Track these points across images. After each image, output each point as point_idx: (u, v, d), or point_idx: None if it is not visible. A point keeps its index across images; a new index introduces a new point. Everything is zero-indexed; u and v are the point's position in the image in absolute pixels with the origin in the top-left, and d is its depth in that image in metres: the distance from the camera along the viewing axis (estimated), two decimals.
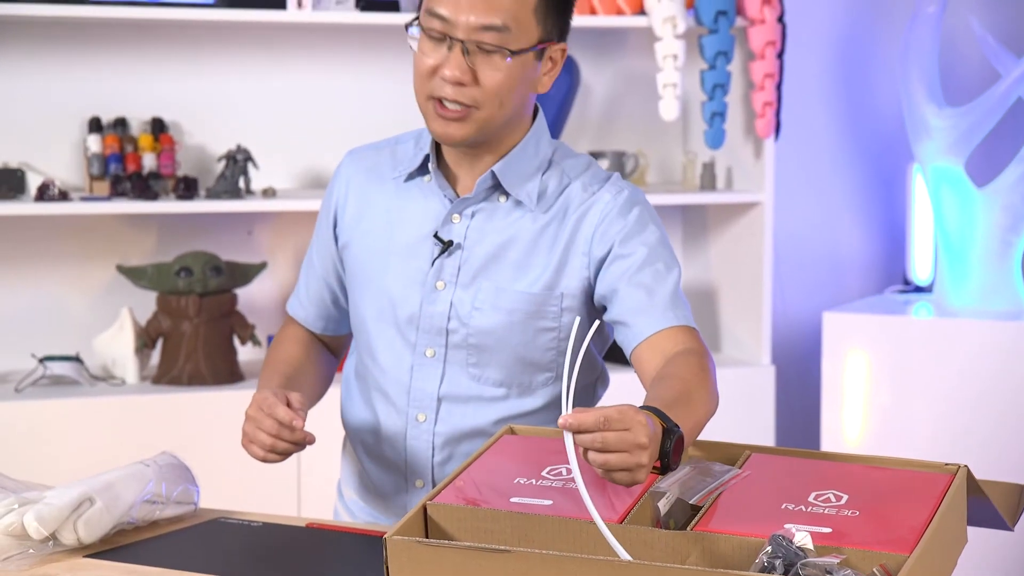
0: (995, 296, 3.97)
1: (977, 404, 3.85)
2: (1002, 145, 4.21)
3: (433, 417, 2.11)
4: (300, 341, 2.28)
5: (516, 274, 2.07)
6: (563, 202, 2.09)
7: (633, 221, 2.06)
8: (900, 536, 1.58)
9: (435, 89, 2.00)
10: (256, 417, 2.00)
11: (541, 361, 2.11)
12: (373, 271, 2.14)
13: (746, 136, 4.08)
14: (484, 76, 1.99)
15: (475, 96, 1.99)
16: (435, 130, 2.03)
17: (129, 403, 3.60)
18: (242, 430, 2.02)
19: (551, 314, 2.08)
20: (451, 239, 2.09)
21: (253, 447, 2.01)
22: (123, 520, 1.95)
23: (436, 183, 2.10)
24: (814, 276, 4.46)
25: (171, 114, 3.89)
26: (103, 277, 3.88)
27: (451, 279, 2.09)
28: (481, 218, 2.09)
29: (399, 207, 2.13)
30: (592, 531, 1.66)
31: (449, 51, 1.98)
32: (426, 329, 2.10)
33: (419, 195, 2.12)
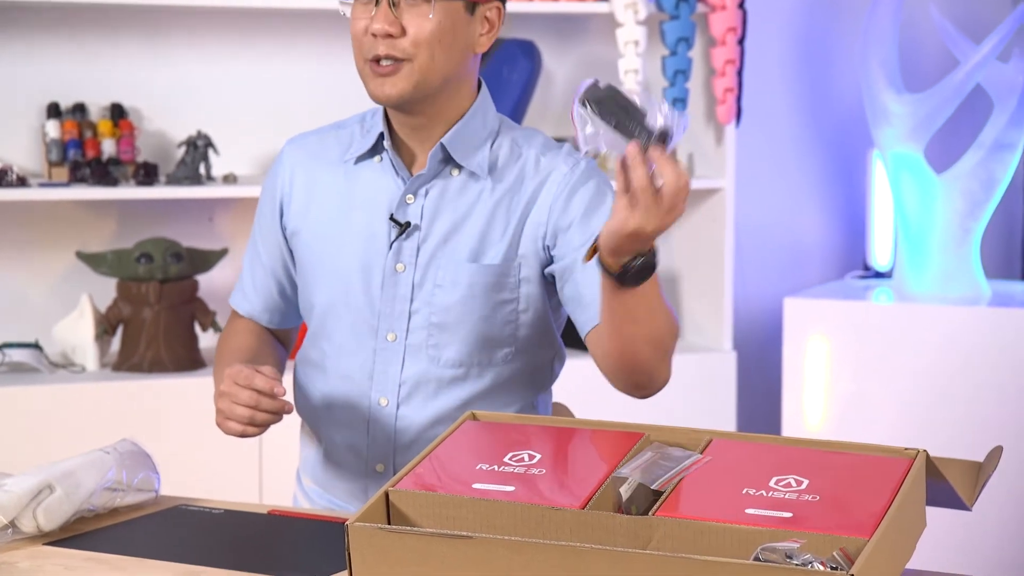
0: (954, 282, 3.99)
1: (936, 389, 3.88)
2: (961, 131, 4.23)
3: (395, 401, 2.11)
4: (251, 331, 2.27)
5: (475, 248, 2.07)
6: (518, 171, 2.09)
7: (591, 194, 2.07)
8: (860, 520, 1.59)
9: (368, 50, 2.02)
10: (231, 392, 1.98)
11: (500, 336, 2.11)
12: (328, 257, 2.12)
13: (707, 122, 4.09)
14: (411, 26, 2.00)
15: (405, 47, 2.01)
16: (373, 92, 2.04)
17: (89, 390, 3.58)
18: (216, 408, 2.00)
19: (510, 285, 2.08)
20: (408, 220, 2.08)
21: (230, 423, 1.99)
22: (83, 507, 1.94)
23: (391, 162, 2.09)
24: (775, 262, 4.48)
25: (130, 100, 3.87)
26: (62, 263, 3.86)
27: (410, 260, 2.08)
28: (435, 195, 2.08)
29: (350, 191, 2.12)
30: (554, 517, 1.67)
31: (376, 7, 2.00)
32: (387, 314, 2.09)
33: (371, 177, 2.11)
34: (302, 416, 2.24)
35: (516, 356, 2.13)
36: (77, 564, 1.81)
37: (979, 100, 4.10)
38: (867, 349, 3.96)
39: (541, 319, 2.13)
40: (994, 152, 3.95)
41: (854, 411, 3.96)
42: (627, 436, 1.84)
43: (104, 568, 1.79)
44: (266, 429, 2.00)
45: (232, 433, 2.00)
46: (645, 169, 1.68)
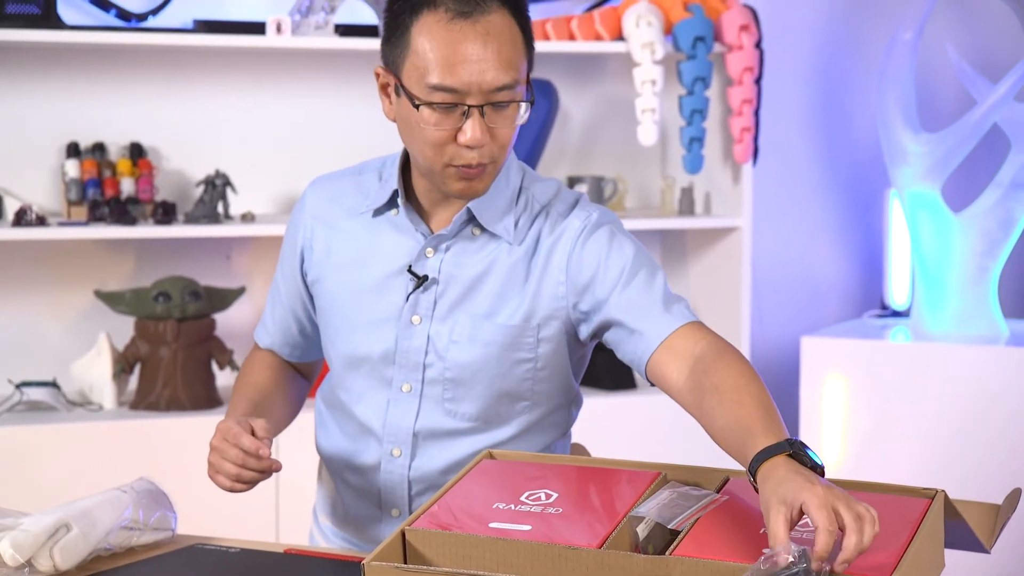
0: (972, 321, 3.98)
1: (955, 428, 3.86)
2: (978, 170, 4.23)
3: (409, 452, 2.10)
4: (269, 366, 2.28)
5: (493, 306, 2.06)
6: (535, 232, 2.07)
7: (605, 241, 2.05)
8: (878, 561, 1.58)
9: (454, 158, 1.96)
10: (220, 447, 1.99)
11: (517, 391, 2.10)
12: (346, 308, 2.12)
13: (724, 161, 4.10)
14: (499, 132, 1.96)
15: (493, 152, 1.97)
16: (457, 190, 2.00)
17: (106, 429, 3.59)
18: (207, 461, 2.01)
19: (527, 345, 2.07)
20: (426, 274, 2.07)
21: (219, 477, 2.00)
22: (100, 546, 1.94)
23: (407, 218, 2.09)
24: (792, 300, 4.47)
25: (149, 139, 3.89)
26: (81, 302, 3.87)
27: (427, 313, 2.07)
28: (456, 251, 2.07)
29: (369, 242, 2.11)
30: (571, 556, 1.66)
31: (465, 117, 1.93)
32: (402, 364, 2.09)
33: (389, 230, 2.10)
34: (321, 454, 2.24)
35: (533, 408, 2.12)
36: None
37: (996, 139, 4.10)
38: (885, 388, 3.95)
39: (559, 374, 2.12)
40: (1012, 191, 3.94)
41: (872, 450, 3.95)
42: (644, 475, 1.84)
43: None
44: (254, 486, 2.00)
45: (221, 487, 2.01)
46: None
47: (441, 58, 1.91)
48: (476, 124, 1.93)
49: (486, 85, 1.92)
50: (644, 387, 4.03)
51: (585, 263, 2.05)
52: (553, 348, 2.08)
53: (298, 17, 3.74)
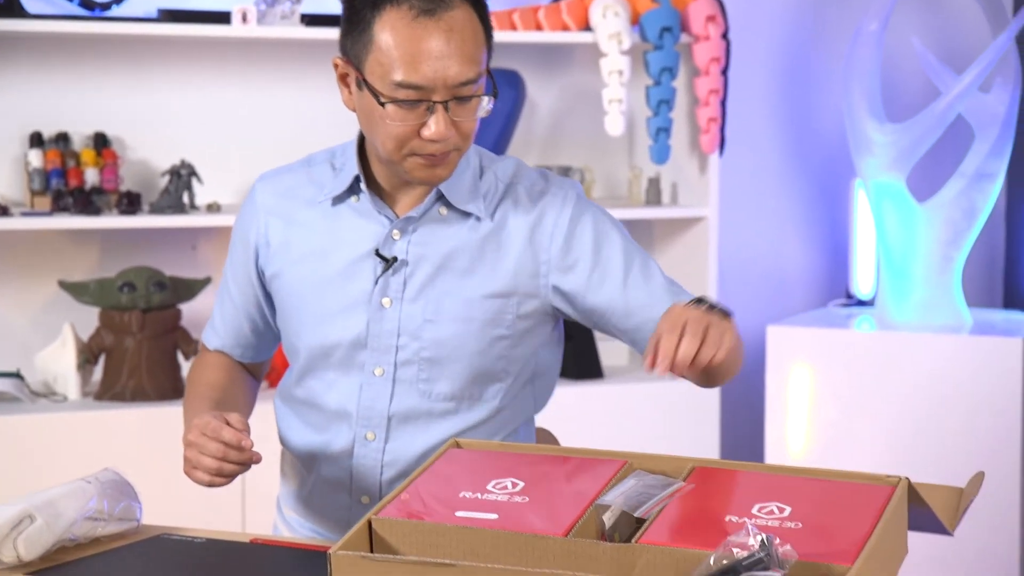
0: (936, 310, 4.01)
1: (919, 416, 3.88)
2: (942, 161, 4.26)
3: (383, 435, 2.10)
4: (222, 366, 2.26)
5: (467, 282, 2.07)
6: (504, 209, 2.09)
7: (591, 228, 2.08)
8: (842, 548, 1.59)
9: (417, 149, 1.97)
10: (198, 442, 1.97)
11: (493, 370, 2.11)
12: (311, 300, 2.11)
13: (691, 151, 4.11)
14: (462, 124, 1.98)
15: (456, 142, 1.99)
16: (420, 178, 2.01)
17: (71, 419, 3.57)
18: (184, 457, 2.00)
19: (506, 322, 2.08)
20: (394, 255, 2.07)
21: (197, 473, 1.98)
22: (64, 537, 1.94)
23: (370, 204, 2.09)
24: (758, 290, 4.49)
25: (114, 129, 3.87)
26: (45, 293, 3.85)
27: (397, 295, 2.08)
28: (423, 232, 2.08)
29: (329, 231, 2.10)
30: (537, 545, 1.67)
31: (429, 112, 1.94)
32: (374, 348, 2.09)
33: (351, 216, 2.10)
34: (286, 447, 2.23)
35: (508, 390, 2.13)
36: None
37: (960, 130, 4.12)
38: (849, 377, 3.97)
39: (534, 354, 2.14)
40: (975, 181, 3.97)
41: (837, 438, 3.97)
42: (610, 464, 1.84)
43: None
44: (233, 479, 2.00)
45: (199, 483, 2.00)
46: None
47: (405, 55, 1.92)
48: (441, 119, 1.94)
49: (450, 80, 1.93)
50: (610, 376, 4.04)
51: (571, 250, 2.08)
52: (530, 326, 2.11)
53: (264, 6, 3.73)
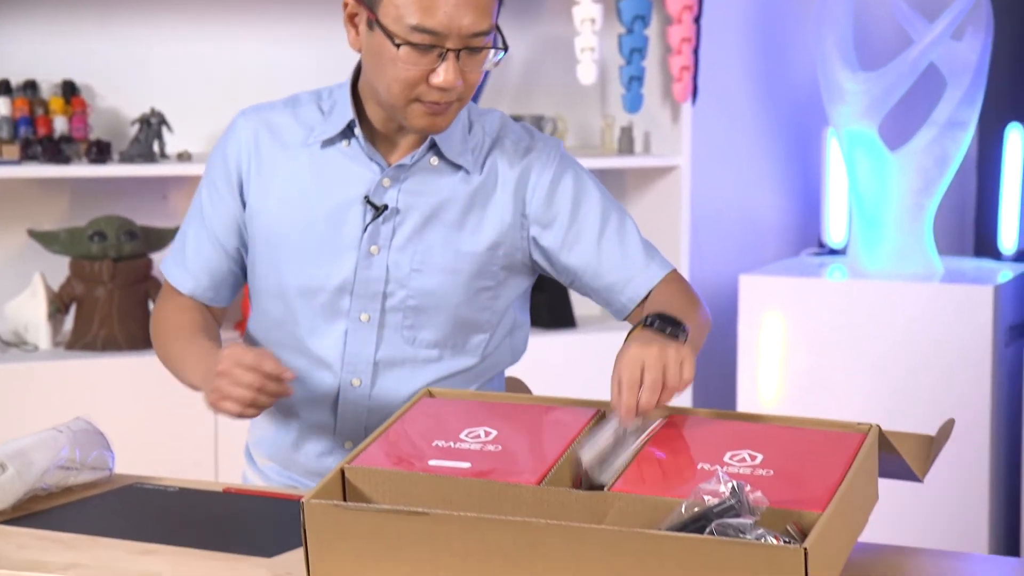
0: (908, 258, 4.02)
1: (890, 365, 3.90)
2: (914, 109, 4.26)
3: (369, 381, 2.11)
4: (195, 309, 2.20)
5: (456, 234, 2.09)
6: (491, 162, 2.10)
7: (572, 186, 2.11)
8: (813, 495, 1.60)
9: (423, 94, 1.97)
10: (232, 373, 1.92)
11: (477, 321, 2.12)
12: (294, 240, 2.10)
13: (663, 100, 4.10)
14: (469, 75, 1.99)
15: (460, 93, 1.99)
16: (420, 126, 2.01)
17: (42, 369, 3.56)
18: (212, 388, 1.94)
19: (491, 273, 2.11)
20: (385, 203, 2.07)
21: (227, 403, 1.93)
22: (36, 486, 1.93)
23: (363, 151, 2.08)
24: (730, 239, 4.49)
25: (82, 76, 3.84)
26: (14, 242, 3.83)
27: (385, 243, 2.08)
28: (413, 181, 2.08)
29: (317, 173, 2.10)
30: (510, 493, 1.67)
31: (441, 59, 1.95)
32: (360, 294, 2.09)
33: (341, 160, 2.10)
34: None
35: (491, 340, 2.15)
36: (30, 543, 1.80)
37: (933, 78, 4.12)
38: (821, 325, 3.99)
39: (515, 305, 2.17)
40: (947, 130, 3.97)
41: (808, 387, 3.99)
42: (583, 412, 1.85)
43: (58, 547, 1.78)
44: (263, 410, 1.96)
45: (228, 413, 1.94)
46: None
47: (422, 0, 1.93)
48: (451, 67, 1.95)
49: (464, 30, 1.94)
50: (583, 325, 4.05)
51: (552, 205, 2.10)
52: (513, 277, 2.13)
53: None
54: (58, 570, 1.69)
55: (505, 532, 1.57)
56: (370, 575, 1.63)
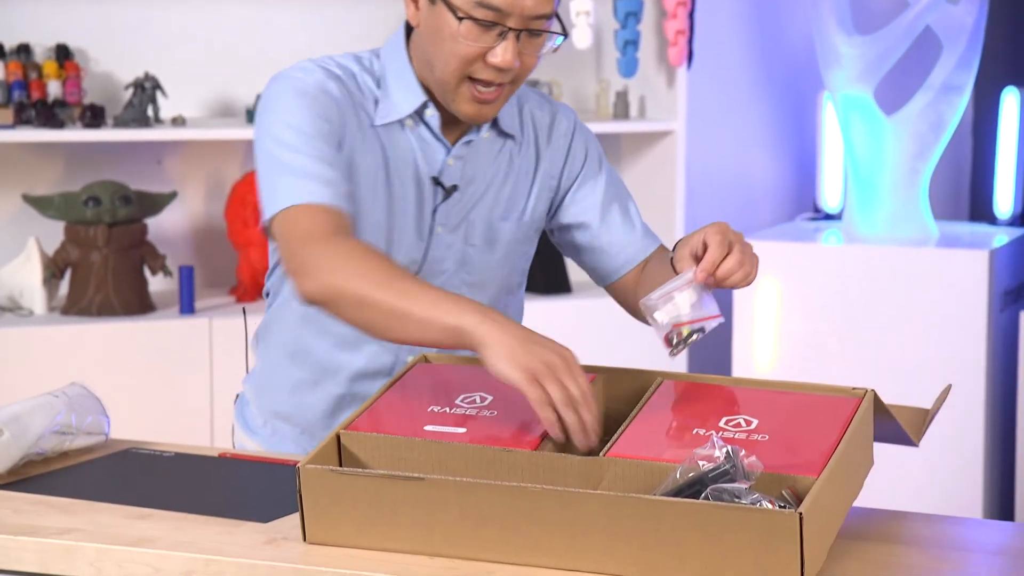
0: (903, 223, 4.02)
1: (885, 329, 3.91)
2: (910, 73, 4.24)
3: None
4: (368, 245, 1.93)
5: (505, 206, 2.10)
6: (530, 129, 2.13)
7: (593, 151, 2.16)
8: (808, 460, 1.60)
9: (476, 72, 1.95)
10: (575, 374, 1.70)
11: (511, 284, 2.16)
12: (366, 217, 2.03)
13: (659, 65, 4.08)
14: (526, 59, 1.97)
15: (515, 76, 1.98)
16: (465, 111, 1.98)
17: (37, 334, 3.56)
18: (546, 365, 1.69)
19: (529, 237, 2.15)
20: (454, 184, 2.06)
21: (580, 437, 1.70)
22: (32, 451, 1.93)
23: (431, 131, 2.04)
24: (726, 204, 4.49)
25: (76, 40, 3.82)
26: (8, 207, 3.82)
27: (446, 222, 2.06)
28: (471, 157, 2.07)
29: (384, 148, 2.03)
30: (506, 458, 1.67)
31: (501, 38, 1.93)
32: (426, 273, 2.06)
33: (405, 137, 2.04)
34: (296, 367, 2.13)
35: (515, 300, 2.19)
36: (26, 508, 1.80)
37: (928, 42, 4.11)
38: (817, 290, 3.99)
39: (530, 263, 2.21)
40: (943, 94, 3.96)
41: (803, 352, 3.99)
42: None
43: (53, 512, 1.78)
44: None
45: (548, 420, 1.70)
46: None
47: None
48: (510, 47, 1.93)
49: (527, 11, 1.93)
50: (578, 290, 4.05)
51: (573, 165, 2.14)
52: (537, 235, 2.17)
53: None
54: (54, 535, 1.70)
55: (500, 497, 1.57)
56: (366, 540, 1.63)
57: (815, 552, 1.52)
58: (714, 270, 1.84)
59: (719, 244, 1.85)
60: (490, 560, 1.59)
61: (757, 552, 1.49)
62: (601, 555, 1.54)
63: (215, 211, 3.97)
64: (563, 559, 1.56)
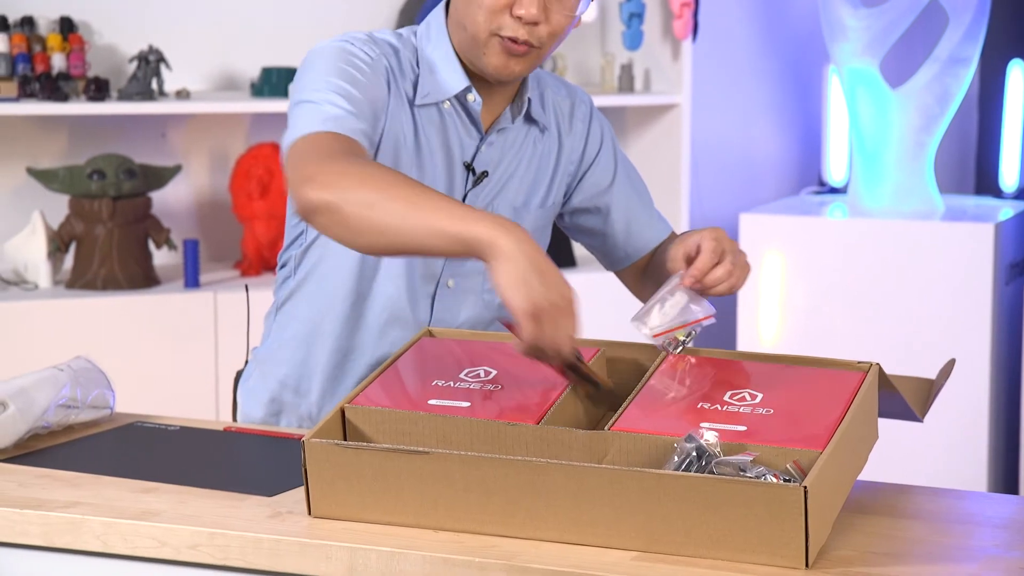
0: (908, 196, 4.01)
1: (890, 303, 3.91)
2: (916, 46, 4.23)
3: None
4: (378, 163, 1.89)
5: (528, 193, 2.10)
6: (552, 116, 2.12)
7: (608, 137, 2.17)
8: (813, 433, 1.61)
9: (504, 27, 1.93)
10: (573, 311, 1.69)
11: None
12: None
13: (664, 37, 4.07)
14: (554, 17, 1.95)
15: (541, 36, 1.95)
16: (494, 64, 1.96)
17: (42, 308, 3.56)
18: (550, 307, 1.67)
19: (549, 225, 2.16)
20: (485, 170, 2.05)
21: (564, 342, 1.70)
22: (37, 425, 1.94)
23: (467, 114, 2.03)
24: (731, 178, 4.48)
25: (80, 13, 3.81)
26: (13, 179, 3.82)
27: (481, 207, 2.05)
28: (500, 143, 2.07)
29: (419, 127, 2.02)
30: (510, 432, 1.68)
31: None
32: (452, 260, 2.05)
33: (438, 119, 2.03)
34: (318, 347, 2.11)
35: None
36: (31, 481, 1.80)
37: (934, 14, 4.10)
38: (822, 264, 3.98)
39: None
40: (949, 67, 3.95)
41: (808, 325, 3.99)
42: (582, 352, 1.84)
43: (59, 485, 1.78)
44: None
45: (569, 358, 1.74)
46: None
47: None
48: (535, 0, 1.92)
49: None
50: (583, 265, 4.05)
51: (588, 151, 2.14)
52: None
53: None
54: (60, 508, 1.70)
55: (505, 471, 1.57)
56: (370, 514, 1.63)
57: (819, 526, 1.52)
58: (702, 277, 1.86)
59: (712, 251, 1.86)
60: (494, 534, 1.59)
61: (761, 526, 1.49)
62: (606, 528, 1.55)
63: (220, 184, 3.97)
64: (567, 532, 1.56)
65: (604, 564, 1.52)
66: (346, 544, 1.59)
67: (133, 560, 1.67)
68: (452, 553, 1.55)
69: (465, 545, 1.57)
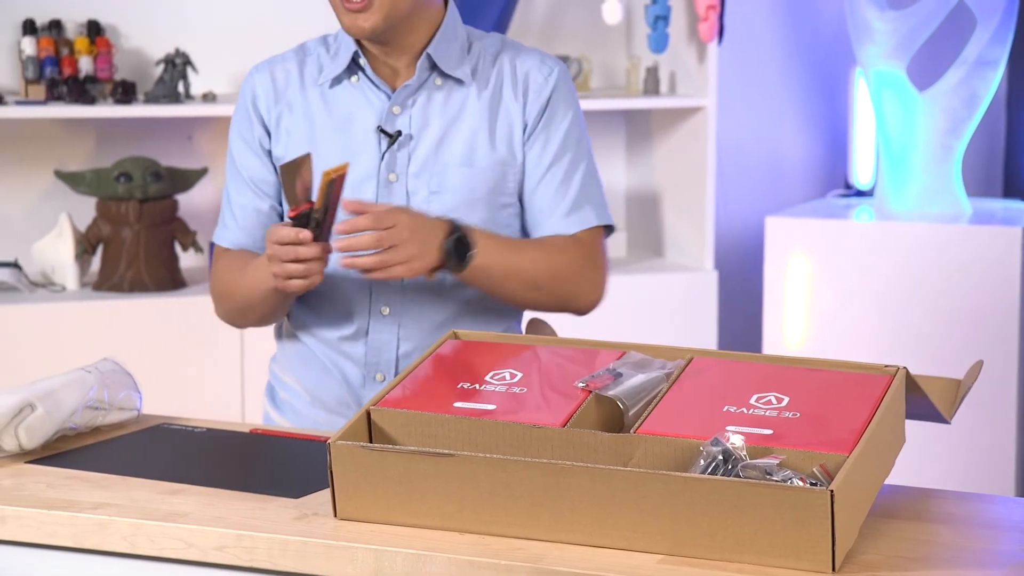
0: (935, 199, 3.99)
1: (917, 306, 3.89)
2: (943, 48, 4.21)
3: (399, 309, 2.14)
4: (244, 253, 2.21)
5: (467, 153, 2.12)
6: (497, 76, 2.15)
7: (550, 106, 2.15)
8: (840, 437, 1.60)
9: None
10: (277, 253, 1.99)
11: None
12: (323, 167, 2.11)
13: (689, 40, 4.06)
14: None
15: None
16: (347, 25, 2.09)
17: (70, 310, 3.58)
18: (272, 275, 2.02)
19: (509, 189, 2.15)
20: (398, 130, 2.12)
21: (293, 282, 2.00)
22: (65, 426, 1.94)
23: (368, 80, 2.14)
24: (757, 181, 4.47)
25: (107, 16, 3.82)
26: (41, 182, 3.83)
27: (403, 170, 2.12)
28: (422, 105, 2.13)
29: (328, 112, 2.15)
30: (536, 435, 1.67)
31: None
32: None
33: (349, 96, 2.15)
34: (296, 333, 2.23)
35: None
36: (59, 482, 1.81)
37: (962, 16, 4.08)
38: (848, 267, 3.97)
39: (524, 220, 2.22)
40: (976, 69, 3.93)
41: (835, 329, 3.98)
42: (608, 354, 1.84)
43: (86, 486, 1.79)
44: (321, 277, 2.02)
45: (299, 290, 2.02)
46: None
47: None
48: None
49: None
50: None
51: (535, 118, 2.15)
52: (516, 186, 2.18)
53: None
54: (87, 509, 1.71)
55: (530, 474, 1.57)
56: (396, 516, 1.63)
57: (846, 530, 1.51)
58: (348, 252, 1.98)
59: (372, 218, 1.97)
60: (520, 536, 1.59)
61: (788, 530, 1.49)
62: (631, 531, 1.55)
63: None
64: (593, 535, 1.56)
65: (629, 567, 1.52)
66: (372, 546, 1.59)
67: (160, 561, 1.67)
68: (477, 555, 1.55)
69: (490, 547, 1.57)
